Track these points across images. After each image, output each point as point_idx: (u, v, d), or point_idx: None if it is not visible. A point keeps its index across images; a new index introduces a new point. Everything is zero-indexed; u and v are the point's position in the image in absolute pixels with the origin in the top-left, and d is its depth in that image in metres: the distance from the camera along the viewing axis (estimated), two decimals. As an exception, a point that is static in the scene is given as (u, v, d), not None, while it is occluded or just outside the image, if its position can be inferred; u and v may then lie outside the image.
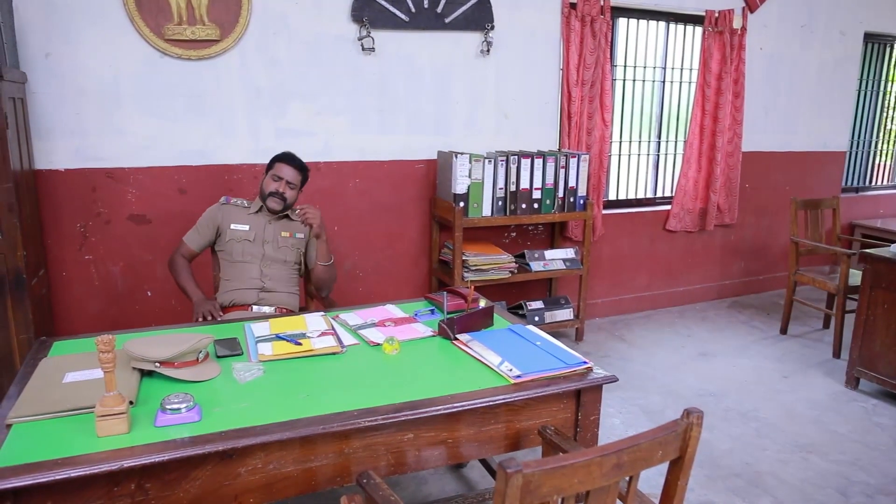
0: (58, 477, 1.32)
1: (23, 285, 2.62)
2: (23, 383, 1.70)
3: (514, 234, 4.14)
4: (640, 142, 4.66)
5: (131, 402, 1.57)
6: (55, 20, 2.93)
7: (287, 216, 2.72)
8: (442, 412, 1.65)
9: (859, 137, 5.62)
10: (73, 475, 1.33)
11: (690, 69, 4.64)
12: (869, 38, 5.24)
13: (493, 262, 3.69)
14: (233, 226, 2.63)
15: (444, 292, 2.37)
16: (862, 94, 5.49)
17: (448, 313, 2.23)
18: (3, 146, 2.51)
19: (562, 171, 3.77)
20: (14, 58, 2.77)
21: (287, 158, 2.69)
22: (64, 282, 3.15)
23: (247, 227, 2.64)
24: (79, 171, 3.09)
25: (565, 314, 4.03)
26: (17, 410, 1.54)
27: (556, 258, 3.93)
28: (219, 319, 2.41)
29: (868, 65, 5.45)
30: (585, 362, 1.86)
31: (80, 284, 3.18)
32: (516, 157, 3.64)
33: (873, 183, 5.86)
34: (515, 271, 3.77)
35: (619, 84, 4.40)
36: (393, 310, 2.38)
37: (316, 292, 2.77)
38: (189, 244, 2.68)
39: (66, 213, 3.10)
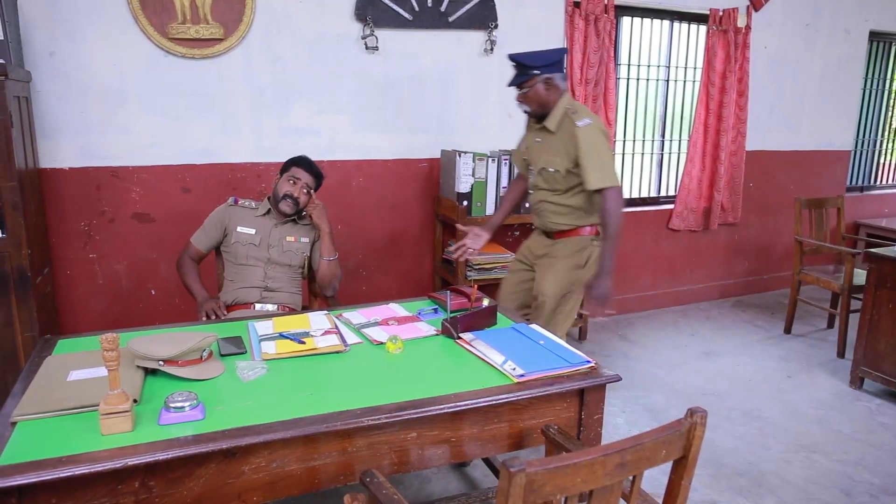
0: (62, 475, 1.32)
1: (27, 283, 2.63)
2: (27, 381, 1.71)
3: (517, 232, 4.14)
4: (643, 141, 4.65)
5: (135, 401, 1.57)
6: (59, 19, 2.93)
7: (294, 220, 2.71)
8: (445, 411, 1.65)
9: (864, 136, 5.60)
10: (77, 473, 1.33)
11: (694, 68, 4.63)
12: (874, 36, 5.22)
13: (496, 261, 3.68)
14: (239, 228, 2.63)
15: (448, 291, 2.37)
16: (867, 92, 5.47)
17: (451, 312, 2.23)
18: (8, 145, 2.52)
19: (565, 170, 3.76)
20: (19, 56, 2.77)
21: (305, 163, 2.68)
22: (68, 280, 3.16)
23: (253, 231, 2.62)
24: (83, 169, 3.10)
25: (569, 313, 4.02)
26: (22, 408, 1.54)
27: (559, 257, 3.92)
28: (222, 318, 2.42)
29: (873, 63, 5.43)
30: (589, 361, 1.86)
31: (84, 283, 3.19)
32: (520, 155, 3.63)
33: (878, 182, 5.84)
34: (519, 270, 3.77)
35: (622, 83, 4.39)
36: (396, 308, 2.38)
37: (321, 291, 2.77)
38: (196, 245, 2.68)
39: (71, 212, 3.11)
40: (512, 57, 2.59)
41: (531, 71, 2.53)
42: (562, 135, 2.57)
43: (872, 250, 3.33)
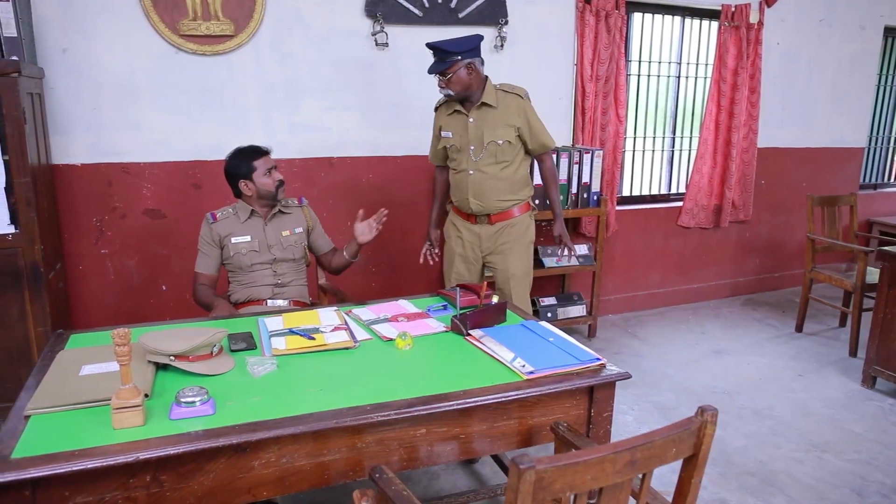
0: (74, 468, 1.33)
1: (40, 279, 2.66)
2: (40, 375, 1.72)
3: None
4: (654, 137, 4.62)
5: (146, 395, 1.58)
6: (72, 15, 2.95)
7: (280, 211, 2.66)
8: (454, 408, 1.65)
9: (878, 133, 5.55)
10: (89, 466, 1.34)
11: (706, 64, 4.59)
12: (889, 32, 5.16)
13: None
14: (233, 239, 2.56)
15: (457, 288, 2.37)
16: (881, 89, 5.41)
17: (461, 309, 2.23)
18: (21, 141, 2.54)
19: (575, 167, 3.75)
20: (32, 53, 2.79)
21: (263, 150, 2.61)
22: (80, 275, 3.18)
23: (248, 238, 2.58)
24: (95, 165, 3.12)
25: (578, 310, 4.02)
26: (35, 402, 1.56)
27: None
28: (233, 314, 2.42)
29: (888, 59, 5.37)
30: (598, 359, 1.86)
31: (96, 278, 3.22)
32: (529, 152, 3.63)
33: (891, 180, 5.79)
34: (528, 267, 3.76)
35: (633, 79, 4.37)
36: (406, 305, 2.38)
37: (334, 273, 2.83)
38: (205, 272, 2.59)
39: (83, 208, 3.14)
40: (432, 45, 2.72)
41: (453, 57, 2.68)
42: (505, 107, 2.80)
43: (885, 248, 3.29)
